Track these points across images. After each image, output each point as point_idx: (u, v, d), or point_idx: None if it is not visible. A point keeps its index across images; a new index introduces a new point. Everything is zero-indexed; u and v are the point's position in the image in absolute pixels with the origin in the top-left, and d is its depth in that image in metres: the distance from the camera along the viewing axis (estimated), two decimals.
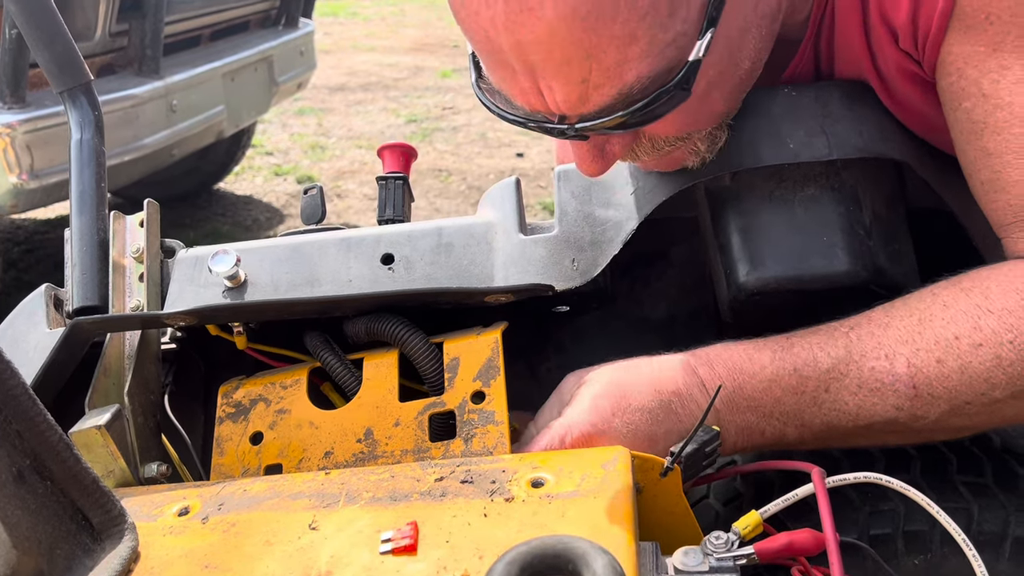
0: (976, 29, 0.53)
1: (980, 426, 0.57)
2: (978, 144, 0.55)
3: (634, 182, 0.62)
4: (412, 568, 0.43)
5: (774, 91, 0.61)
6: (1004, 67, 0.53)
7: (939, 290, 0.56)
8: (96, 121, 0.70)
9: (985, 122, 0.54)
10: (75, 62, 0.70)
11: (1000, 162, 0.54)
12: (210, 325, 0.62)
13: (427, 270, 0.62)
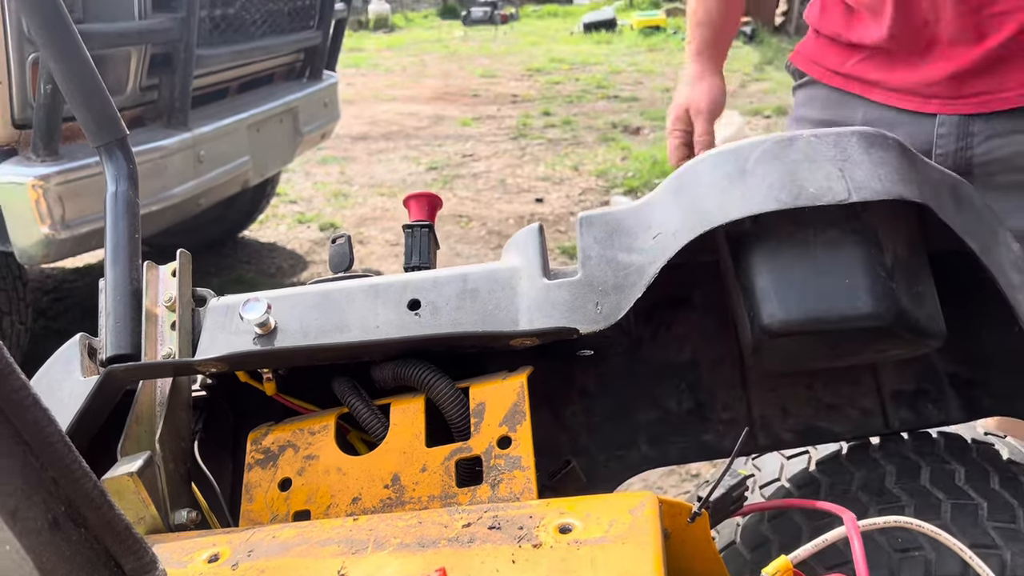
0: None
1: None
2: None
3: (656, 227, 0.63)
4: None
5: (795, 136, 0.61)
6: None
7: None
8: (131, 174, 0.72)
9: None
10: (112, 118, 0.72)
11: None
12: (240, 372, 0.63)
13: (453, 315, 0.62)
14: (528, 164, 5.01)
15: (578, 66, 8.66)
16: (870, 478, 0.71)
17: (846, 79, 1.04)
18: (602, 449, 0.74)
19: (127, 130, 0.75)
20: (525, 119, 6.20)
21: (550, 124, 6.05)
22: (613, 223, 0.64)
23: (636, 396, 0.76)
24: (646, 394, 0.76)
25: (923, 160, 0.65)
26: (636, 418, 0.76)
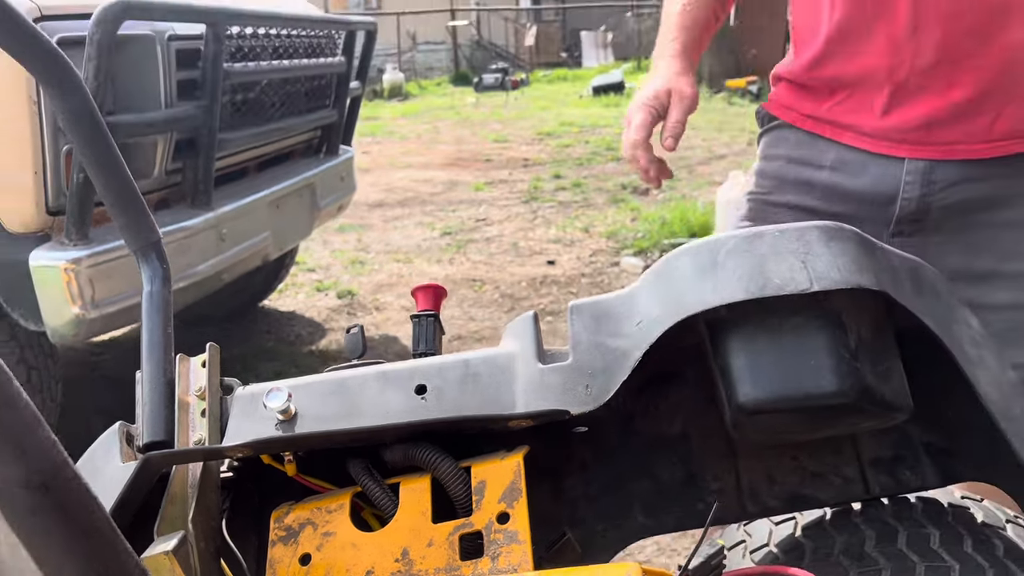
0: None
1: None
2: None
3: (639, 315, 0.69)
4: None
5: (763, 231, 0.68)
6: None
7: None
8: (164, 274, 0.79)
9: None
10: (147, 224, 0.80)
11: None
12: (264, 455, 0.69)
13: (456, 398, 0.68)
14: (540, 227, 5.11)
15: (588, 129, 8.84)
16: (851, 542, 0.75)
17: (817, 122, 1.09)
18: (599, 519, 0.79)
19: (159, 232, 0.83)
20: (536, 182, 6.34)
21: (561, 187, 6.18)
22: (600, 311, 0.71)
23: (631, 468, 0.81)
24: (640, 466, 0.82)
25: (882, 248, 0.71)
26: (631, 489, 0.81)
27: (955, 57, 0.96)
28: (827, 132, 1.08)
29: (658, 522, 0.81)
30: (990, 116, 0.97)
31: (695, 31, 1.14)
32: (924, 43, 0.96)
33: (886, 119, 1.01)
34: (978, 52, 0.95)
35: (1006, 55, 0.94)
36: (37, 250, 1.81)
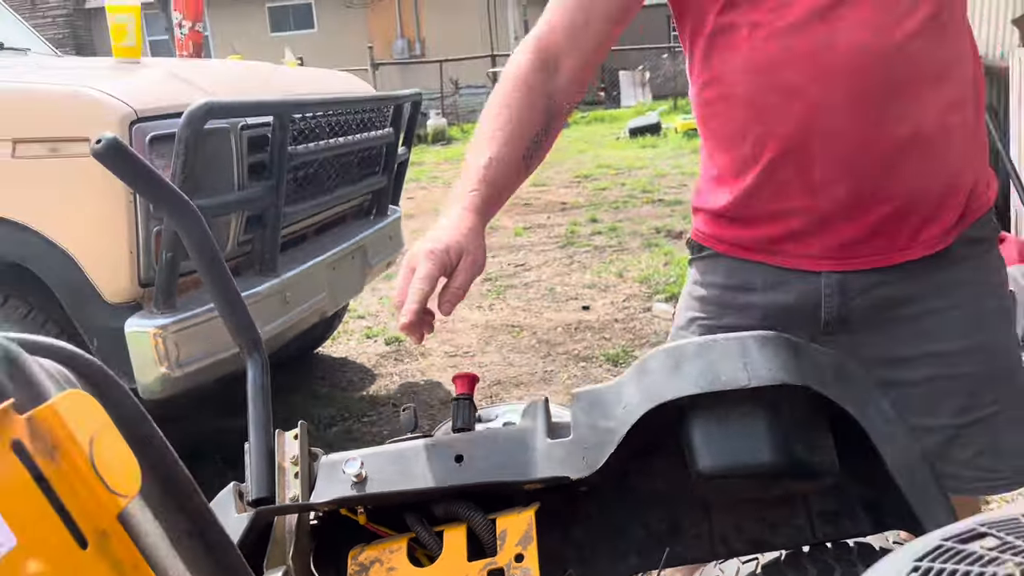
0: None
1: None
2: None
3: (623, 401, 0.91)
4: None
5: (715, 339, 0.90)
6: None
7: None
8: (264, 365, 1.03)
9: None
10: (250, 326, 1.05)
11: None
12: (343, 509, 0.93)
13: (485, 466, 0.91)
14: (576, 272, 5.33)
15: (624, 171, 9.07)
16: (799, 573, 0.96)
17: (746, 250, 1.22)
18: (601, 560, 1.00)
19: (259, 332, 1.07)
20: (573, 227, 6.57)
21: (596, 231, 6.40)
22: (595, 398, 0.93)
23: (626, 518, 1.02)
24: (634, 517, 1.03)
25: (809, 348, 0.92)
26: (627, 535, 1.02)
27: (866, 194, 1.11)
28: (756, 257, 1.21)
29: (647, 562, 1.02)
30: (898, 231, 1.13)
31: (497, 187, 1.10)
32: (838, 189, 1.11)
33: (808, 246, 1.16)
34: (886, 185, 1.10)
35: (910, 183, 1.10)
36: (131, 318, 2.09)
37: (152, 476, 0.68)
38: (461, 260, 1.00)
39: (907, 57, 1.06)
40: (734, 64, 1.12)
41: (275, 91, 2.64)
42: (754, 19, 1.08)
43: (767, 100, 1.09)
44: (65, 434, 0.61)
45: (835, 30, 1.04)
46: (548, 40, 1.16)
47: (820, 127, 1.08)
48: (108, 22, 2.43)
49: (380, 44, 17.41)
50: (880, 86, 1.06)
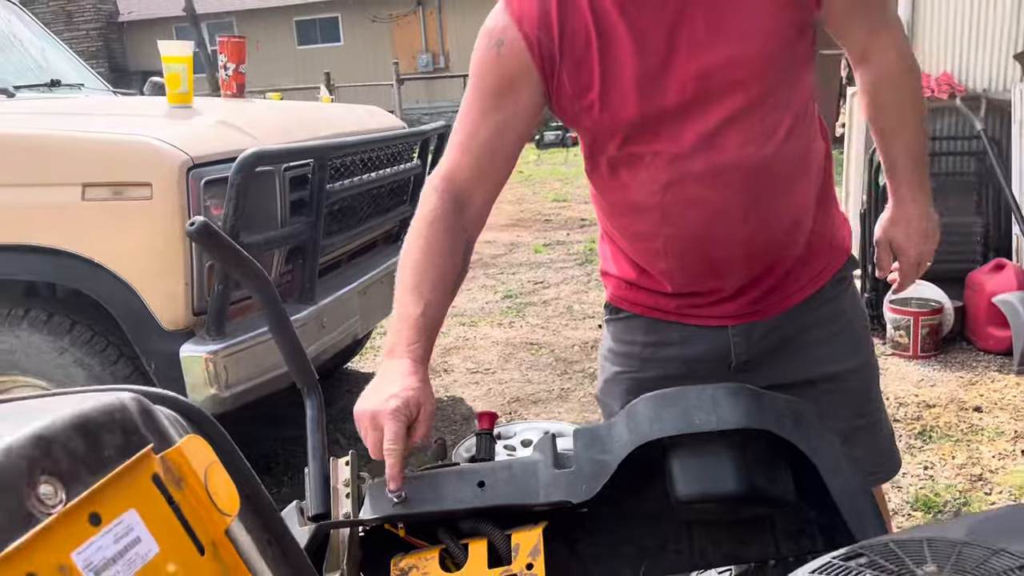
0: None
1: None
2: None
3: (616, 438, 1.11)
4: None
5: (689, 389, 1.10)
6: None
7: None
8: (320, 403, 1.24)
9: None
10: (309, 369, 1.25)
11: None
12: (386, 524, 1.13)
13: (503, 490, 1.11)
14: (593, 290, 5.52)
15: None
16: None
17: (665, 312, 1.42)
18: (598, 571, 1.20)
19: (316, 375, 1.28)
20: (591, 244, 6.76)
21: None
22: (593, 435, 1.13)
23: (620, 536, 1.22)
24: (628, 534, 1.22)
25: (771, 396, 1.11)
26: (620, 551, 1.21)
27: (762, 270, 1.36)
28: (671, 318, 1.42)
29: (638, 573, 1.21)
30: (787, 286, 1.38)
31: (434, 331, 1.19)
32: (739, 272, 1.35)
33: (715, 311, 1.39)
34: (777, 261, 1.35)
35: (794, 253, 1.36)
36: (186, 343, 2.32)
37: (243, 498, 0.89)
38: (420, 411, 1.10)
39: (780, 161, 1.28)
40: (641, 181, 1.30)
41: (313, 131, 2.87)
42: (654, 149, 1.27)
43: (674, 209, 1.30)
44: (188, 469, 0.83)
45: (722, 150, 1.25)
46: (457, 180, 1.27)
47: (720, 227, 1.30)
48: (164, 71, 2.67)
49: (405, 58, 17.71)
50: (766, 187, 1.29)
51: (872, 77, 1.40)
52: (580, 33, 1.24)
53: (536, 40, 1.25)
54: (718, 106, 1.23)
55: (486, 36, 1.29)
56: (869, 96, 1.42)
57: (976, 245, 4.13)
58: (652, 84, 1.23)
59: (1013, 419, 3.22)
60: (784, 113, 1.27)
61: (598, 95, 1.25)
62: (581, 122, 1.30)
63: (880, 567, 0.69)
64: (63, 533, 0.68)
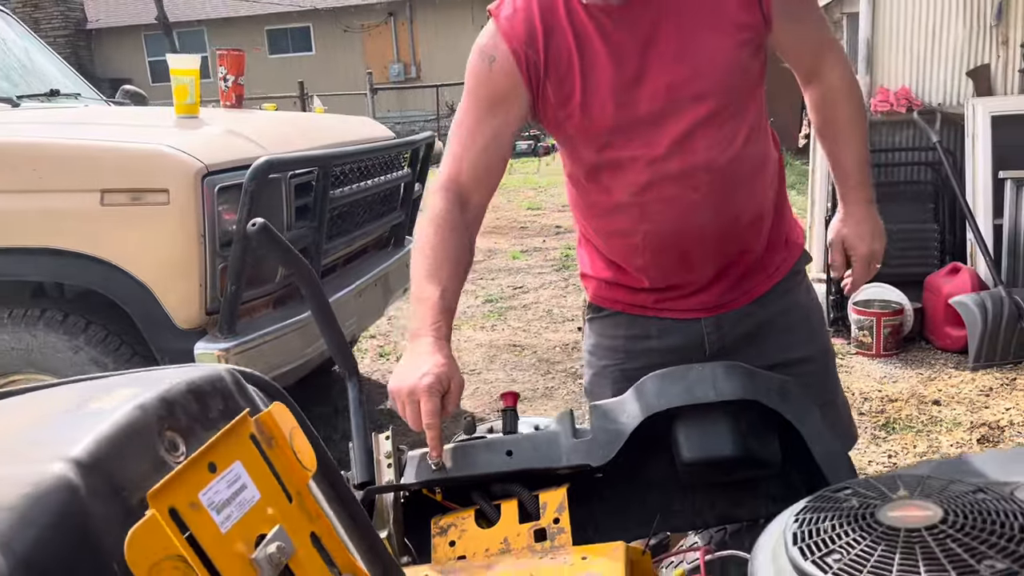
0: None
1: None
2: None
3: (628, 411, 1.27)
4: None
5: (692, 367, 1.26)
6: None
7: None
8: (360, 385, 1.39)
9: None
10: (348, 355, 1.40)
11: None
12: (424, 489, 1.28)
13: (529, 457, 1.26)
14: (571, 294, 5.70)
15: None
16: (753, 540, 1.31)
17: (644, 308, 1.56)
18: (612, 526, 1.36)
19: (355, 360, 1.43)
20: (567, 250, 6.94)
21: None
22: (607, 409, 1.28)
23: (630, 497, 1.38)
24: (636, 496, 1.38)
25: (762, 373, 1.28)
26: (629, 511, 1.37)
27: (729, 265, 1.53)
28: (648, 313, 1.56)
29: (645, 531, 1.37)
30: (751, 279, 1.55)
31: (451, 313, 1.33)
32: (709, 266, 1.51)
33: (688, 303, 1.55)
34: (742, 256, 1.53)
35: (756, 248, 1.54)
36: (199, 342, 2.44)
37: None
38: (451, 384, 1.23)
39: (742, 162, 1.47)
40: (622, 183, 1.47)
41: (313, 140, 3.00)
42: (632, 154, 1.44)
43: (652, 207, 1.47)
44: (277, 431, 0.98)
45: (693, 153, 1.42)
46: (459, 182, 1.42)
47: (693, 223, 1.47)
48: (172, 83, 2.79)
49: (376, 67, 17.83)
50: (731, 186, 1.47)
51: (822, 94, 1.59)
52: (563, 49, 1.40)
53: (524, 55, 1.40)
54: (685, 114, 1.41)
55: (479, 52, 1.45)
56: (819, 112, 1.62)
57: (933, 250, 4.37)
58: (627, 93, 1.40)
59: (969, 411, 3.44)
60: (741, 123, 1.46)
61: (579, 104, 1.41)
62: (564, 129, 1.45)
63: (862, 494, 0.85)
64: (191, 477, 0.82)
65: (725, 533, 1.39)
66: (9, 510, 0.65)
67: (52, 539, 0.65)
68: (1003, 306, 3.79)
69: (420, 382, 1.22)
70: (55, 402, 0.90)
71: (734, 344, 1.57)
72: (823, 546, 0.78)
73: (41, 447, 0.76)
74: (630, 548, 1.11)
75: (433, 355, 1.26)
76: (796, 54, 1.55)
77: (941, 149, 4.23)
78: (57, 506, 0.67)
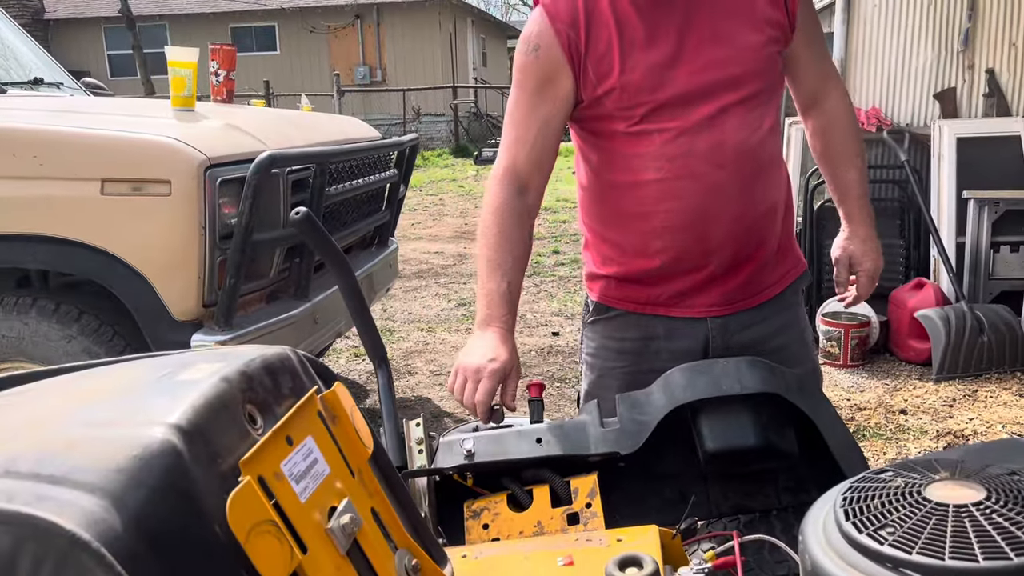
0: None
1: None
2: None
3: (654, 403, 1.32)
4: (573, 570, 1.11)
5: (716, 361, 1.32)
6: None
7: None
8: (390, 373, 1.42)
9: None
10: (380, 344, 1.43)
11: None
12: (455, 475, 1.31)
13: (559, 444, 1.31)
14: (543, 300, 5.76)
15: None
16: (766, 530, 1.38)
17: (655, 306, 1.59)
18: (632, 514, 1.41)
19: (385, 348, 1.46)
20: (537, 257, 7.00)
21: (560, 262, 6.85)
22: (634, 400, 1.34)
23: (649, 488, 1.43)
24: (654, 487, 1.44)
25: (781, 368, 1.35)
26: (647, 501, 1.43)
27: (743, 256, 1.57)
28: (660, 311, 1.59)
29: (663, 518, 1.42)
30: (760, 281, 1.60)
31: (515, 303, 1.45)
32: (725, 253, 1.54)
33: (696, 299, 1.59)
34: (755, 248, 1.58)
35: (768, 244, 1.59)
36: (196, 334, 2.44)
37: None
38: (511, 375, 1.39)
39: (764, 150, 1.55)
40: (650, 158, 1.51)
41: (307, 137, 3.02)
42: (661, 126, 1.49)
43: (677, 184, 1.51)
44: (340, 409, 1.01)
45: (723, 131, 1.49)
46: (517, 171, 1.48)
47: (715, 204, 1.52)
48: (169, 75, 2.78)
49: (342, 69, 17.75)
50: (753, 171, 1.54)
51: (826, 120, 1.68)
52: (603, 28, 1.48)
53: (566, 35, 1.48)
54: (719, 95, 1.48)
55: (524, 43, 1.53)
56: (821, 136, 1.70)
57: (899, 265, 4.53)
58: (664, 72, 1.48)
59: (934, 420, 3.58)
60: (767, 112, 1.54)
61: (617, 81, 1.48)
62: (602, 105, 1.51)
63: (904, 475, 0.91)
64: (273, 449, 0.85)
65: (739, 523, 1.45)
66: (120, 471, 0.67)
67: (162, 500, 0.68)
68: (965, 320, 3.95)
69: (489, 365, 1.36)
70: (136, 373, 0.92)
71: (736, 353, 1.61)
72: (875, 520, 0.84)
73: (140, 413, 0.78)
74: (662, 531, 1.16)
75: (501, 346, 1.39)
76: (804, 73, 1.63)
77: (909, 168, 4.39)
78: (164, 469, 0.70)
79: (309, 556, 0.78)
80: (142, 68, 13.03)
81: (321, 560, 0.81)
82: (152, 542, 0.63)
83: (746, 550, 1.23)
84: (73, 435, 0.73)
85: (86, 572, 0.59)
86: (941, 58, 4.48)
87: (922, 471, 0.91)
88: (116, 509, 0.64)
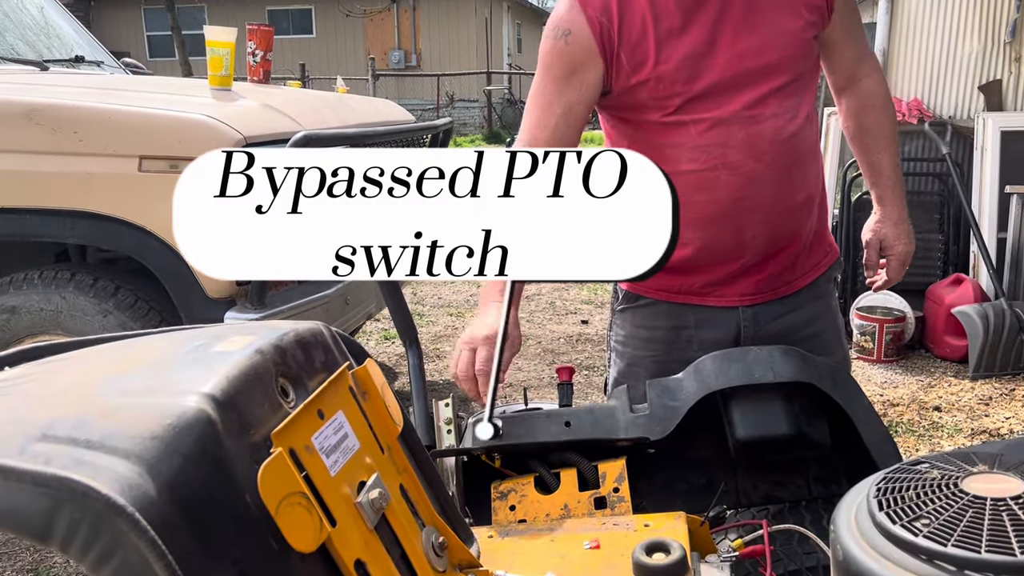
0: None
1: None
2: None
3: (685, 390, 1.31)
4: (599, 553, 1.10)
5: (749, 349, 1.31)
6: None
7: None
8: (420, 354, 1.42)
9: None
10: (412, 326, 1.44)
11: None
12: (483, 456, 1.32)
13: (587, 428, 1.30)
14: (573, 288, 5.74)
15: None
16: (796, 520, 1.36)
17: (687, 295, 1.57)
18: (660, 500, 1.40)
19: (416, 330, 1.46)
20: None
21: None
22: (664, 386, 1.33)
23: (676, 475, 1.42)
24: (682, 474, 1.43)
25: (814, 358, 1.33)
26: (674, 488, 1.42)
27: (778, 246, 1.55)
28: (692, 300, 1.57)
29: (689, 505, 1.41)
30: (792, 269, 1.58)
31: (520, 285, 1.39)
32: (760, 243, 1.53)
33: (732, 288, 1.57)
34: (790, 238, 1.55)
35: (803, 234, 1.57)
36: (229, 311, 2.46)
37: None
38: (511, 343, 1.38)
39: (801, 140, 1.53)
40: (683, 146, 1.48)
41: (342, 118, 3.02)
42: (697, 116, 1.47)
43: (712, 174, 1.49)
44: (371, 385, 1.01)
45: (759, 121, 1.47)
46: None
47: (751, 194, 1.50)
48: (207, 54, 2.81)
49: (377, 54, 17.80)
50: (790, 161, 1.51)
51: (861, 100, 1.65)
52: (637, 17, 1.46)
53: (599, 23, 1.46)
54: (755, 84, 1.46)
55: (552, 29, 1.50)
56: (855, 118, 1.66)
57: (937, 260, 4.45)
58: (700, 61, 1.46)
59: (969, 419, 3.52)
60: (803, 101, 1.52)
61: (652, 70, 1.46)
62: (636, 95, 1.49)
63: (941, 467, 0.90)
64: (305, 422, 0.86)
65: (768, 513, 1.44)
66: (154, 438, 0.68)
67: (195, 468, 0.69)
68: (1004, 318, 3.87)
69: (481, 333, 1.39)
70: (172, 345, 0.93)
71: (767, 342, 1.59)
72: (910, 512, 0.82)
73: (175, 383, 0.79)
74: (689, 518, 1.16)
75: (498, 317, 1.34)
76: (840, 56, 1.60)
77: (950, 161, 4.30)
78: (198, 438, 0.71)
79: (338, 529, 0.79)
80: (180, 49, 13.15)
81: (349, 533, 0.81)
82: (184, 508, 0.64)
83: (775, 540, 1.22)
84: (110, 403, 0.74)
85: (120, 535, 0.60)
86: (987, 49, 4.38)
87: (959, 463, 0.90)
88: (150, 475, 0.65)
